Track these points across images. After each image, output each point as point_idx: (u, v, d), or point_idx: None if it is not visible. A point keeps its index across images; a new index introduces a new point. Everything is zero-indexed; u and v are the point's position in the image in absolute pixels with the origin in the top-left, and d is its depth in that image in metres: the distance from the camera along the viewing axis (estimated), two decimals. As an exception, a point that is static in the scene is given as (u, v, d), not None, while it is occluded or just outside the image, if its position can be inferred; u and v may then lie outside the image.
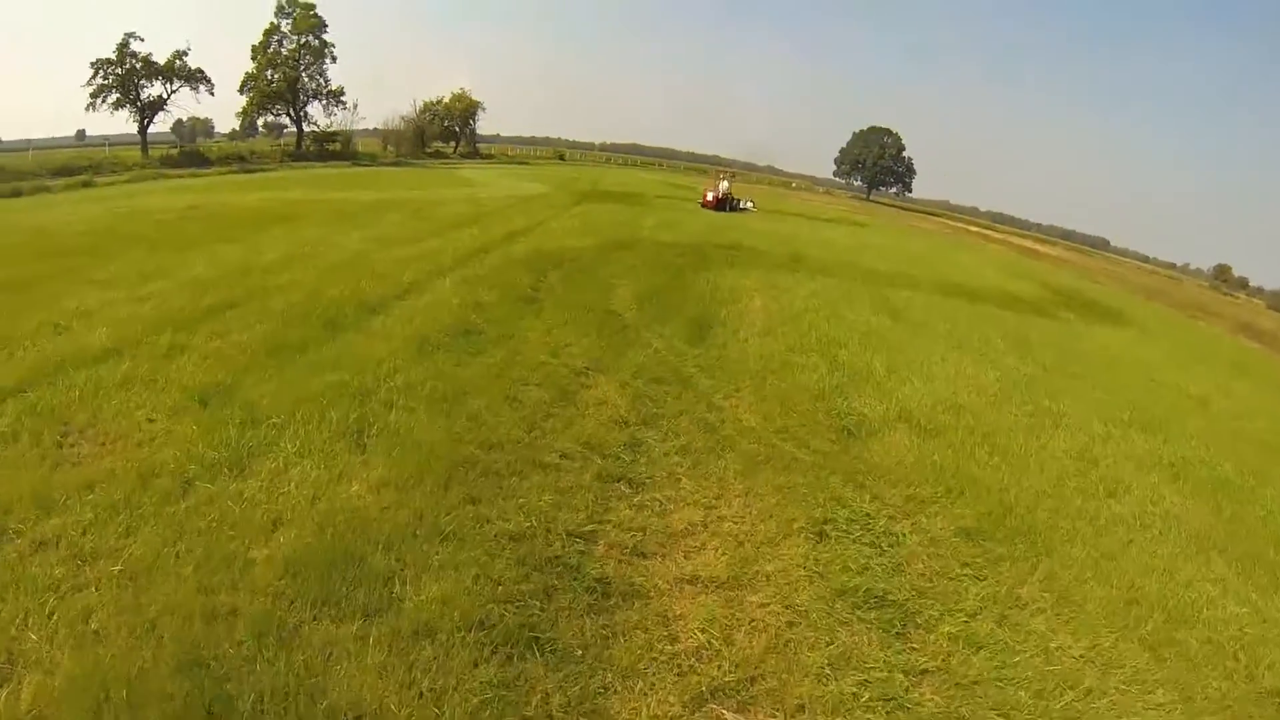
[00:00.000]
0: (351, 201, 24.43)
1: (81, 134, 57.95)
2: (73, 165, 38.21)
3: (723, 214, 33.75)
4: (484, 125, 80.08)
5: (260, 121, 62.58)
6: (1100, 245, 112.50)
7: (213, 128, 77.66)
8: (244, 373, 7.59)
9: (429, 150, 69.74)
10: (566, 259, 15.25)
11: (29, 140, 57.40)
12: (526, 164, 72.50)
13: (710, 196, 36.09)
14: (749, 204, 39.80)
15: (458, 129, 75.92)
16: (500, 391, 7.49)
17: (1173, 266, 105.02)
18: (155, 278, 11.57)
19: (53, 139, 54.29)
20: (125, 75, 44.87)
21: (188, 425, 6.25)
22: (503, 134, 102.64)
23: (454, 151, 73.65)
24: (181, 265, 12.60)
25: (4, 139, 63.23)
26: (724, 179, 40.31)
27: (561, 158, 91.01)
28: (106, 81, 44.51)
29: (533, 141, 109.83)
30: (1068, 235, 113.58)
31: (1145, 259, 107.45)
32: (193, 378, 7.31)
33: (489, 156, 75.95)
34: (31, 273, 11.55)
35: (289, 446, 6.01)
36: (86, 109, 44.33)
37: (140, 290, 10.73)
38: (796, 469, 6.76)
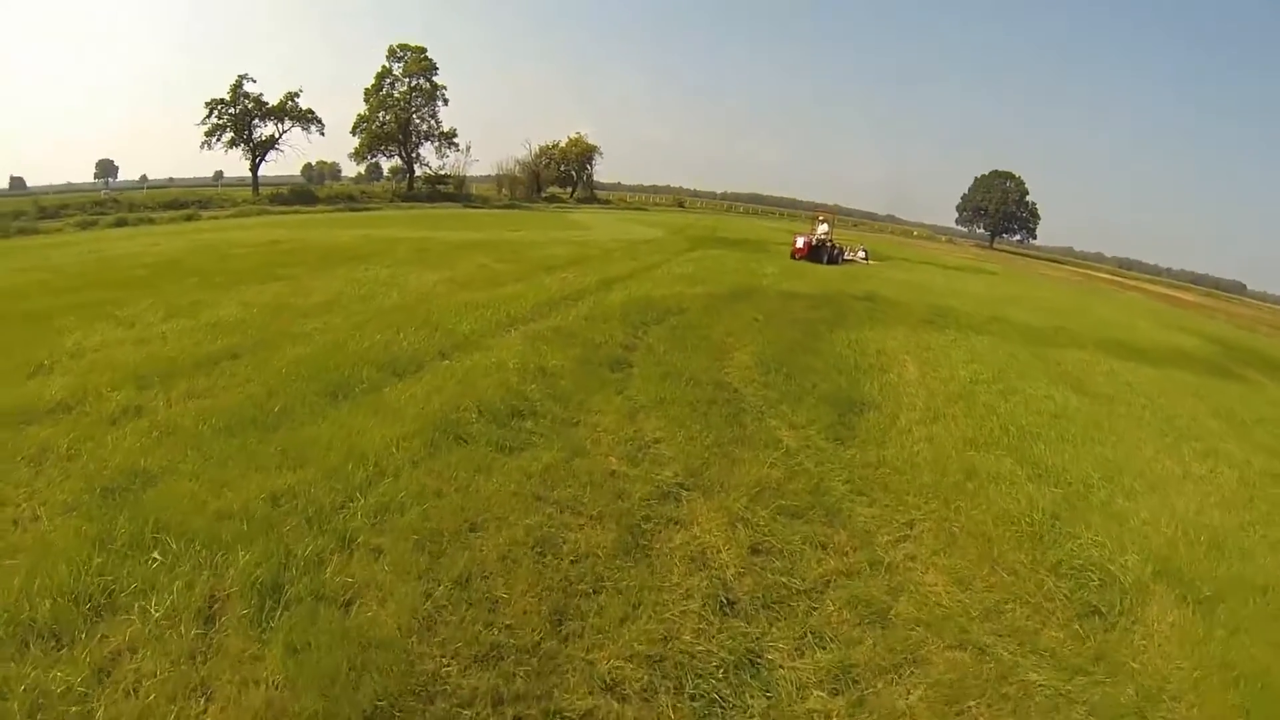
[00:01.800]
0: (441, 240, 22.95)
1: (219, 175, 60.98)
2: (181, 200, 39.65)
3: (827, 266, 26.93)
4: (604, 173, 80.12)
5: (387, 166, 64.27)
6: (1236, 290, 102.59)
7: (339, 171, 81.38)
8: (181, 457, 5.61)
9: (544, 195, 69.82)
10: (672, 311, 12.66)
11: (171, 179, 61.58)
12: (644, 210, 71.30)
13: (801, 243, 28.71)
14: (860, 254, 33.42)
15: (574, 173, 75.93)
16: (528, 529, 4.80)
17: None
18: (179, 316, 10.47)
19: (194, 178, 57.68)
20: (238, 115, 46.48)
21: (60, 538, 4.44)
22: (624, 182, 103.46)
23: (570, 196, 73.52)
24: (216, 303, 11.32)
25: (150, 177, 68.62)
26: (823, 221, 33.48)
27: (681, 205, 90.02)
28: (220, 121, 46.23)
29: (653, 189, 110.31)
30: (1199, 280, 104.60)
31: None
32: (118, 458, 5.57)
33: (606, 202, 75.42)
34: (62, 303, 11.15)
35: (156, 607, 3.86)
36: (201, 147, 46.26)
37: (152, 330, 9.69)
38: (1034, 714, 3.77)
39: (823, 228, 31.81)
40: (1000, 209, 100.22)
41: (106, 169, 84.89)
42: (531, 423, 6.63)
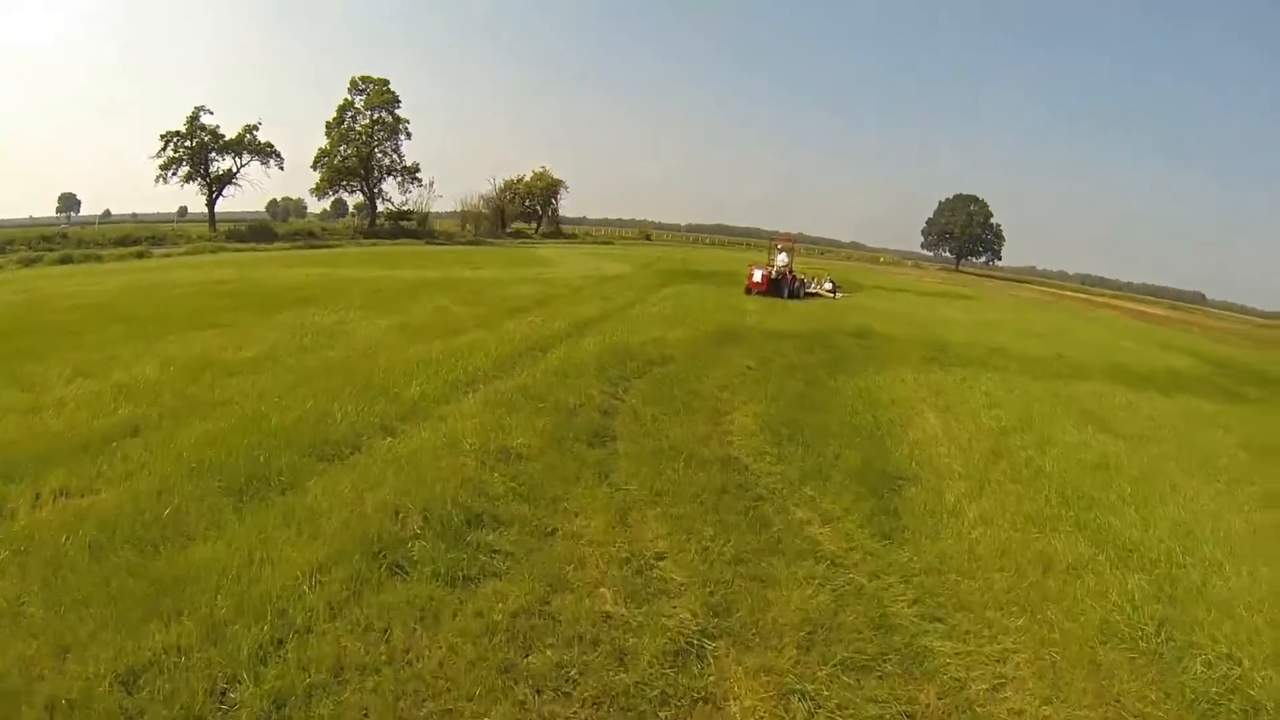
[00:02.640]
0: (398, 280, 21.30)
1: (183, 210, 58.50)
2: (134, 236, 37.74)
3: (801, 302, 24.72)
4: (569, 207, 78.65)
5: (351, 202, 62.31)
6: (1197, 300, 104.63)
7: (305, 208, 79.15)
8: (29, 595, 4.08)
9: (509, 230, 68.26)
10: (654, 360, 11.16)
11: (135, 215, 59.10)
12: (611, 244, 69.96)
13: (760, 276, 25.19)
14: (826, 286, 29.29)
15: (539, 208, 74.54)
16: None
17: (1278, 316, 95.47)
18: (87, 375, 8.85)
19: (158, 214, 55.36)
20: (195, 148, 44.45)
21: None
22: (589, 215, 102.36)
23: (535, 231, 72.05)
24: (134, 359, 9.74)
25: (115, 212, 66.07)
26: (781, 250, 29.49)
27: (648, 238, 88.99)
28: (176, 154, 44.12)
29: (619, 223, 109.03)
30: (1159, 293, 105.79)
31: (1242, 310, 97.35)
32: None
33: (572, 237, 74.07)
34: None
35: None
36: (156, 181, 43.95)
37: (50, 395, 8.09)
38: None
39: (781, 258, 28.43)
40: (966, 232, 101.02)
41: (68, 203, 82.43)
42: (494, 534, 4.98)
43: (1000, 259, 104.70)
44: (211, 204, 46.22)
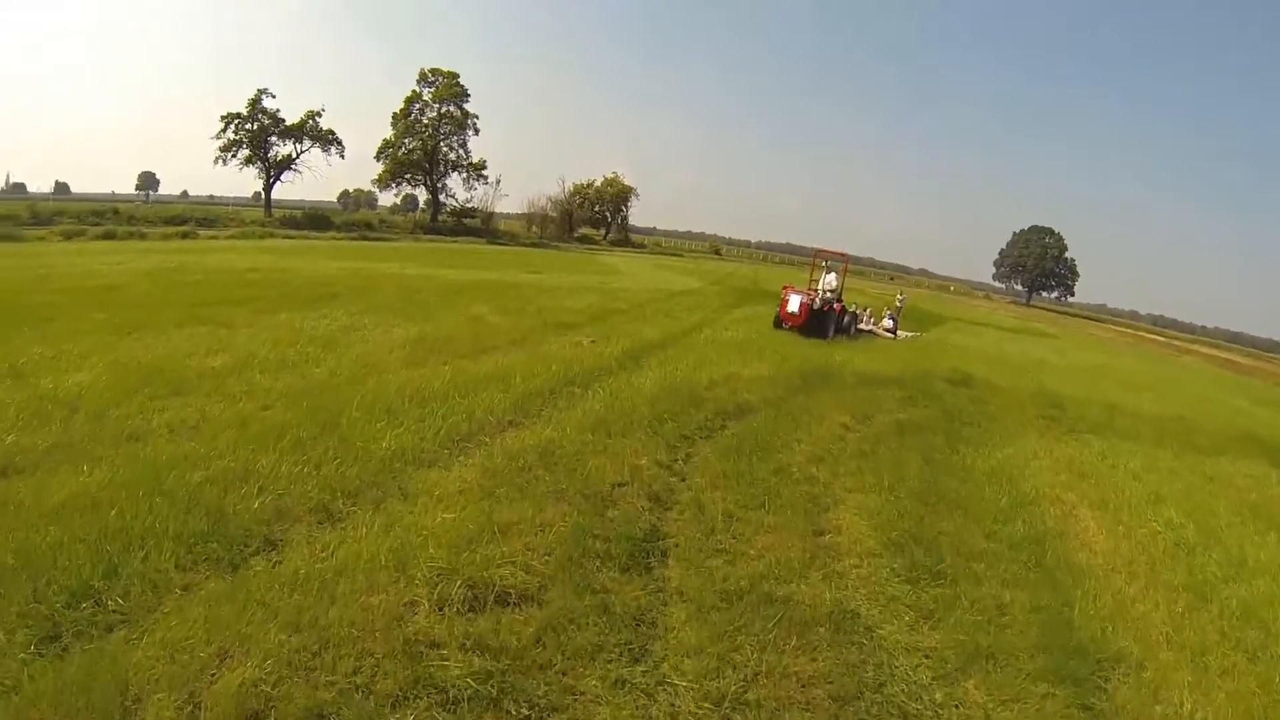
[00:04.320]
0: (441, 280, 19.39)
1: (258, 196, 58.67)
2: (183, 216, 37.33)
3: (850, 340, 19.57)
4: (640, 217, 76.42)
5: (422, 198, 61.27)
6: (1275, 348, 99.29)
7: (376, 200, 79.01)
8: None
9: (576, 235, 66.43)
10: (727, 411, 8.74)
11: (212, 196, 59.70)
12: (680, 256, 67.60)
13: (797, 304, 18.43)
14: (886, 324, 23.28)
15: (608, 214, 72.54)
16: None
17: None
18: (19, 376, 7.31)
19: (235, 197, 55.70)
20: (255, 131, 43.72)
21: None
22: (659, 226, 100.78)
23: (603, 238, 70.06)
24: (84, 359, 8.26)
25: (192, 193, 67.15)
26: (829, 271, 21.76)
27: (718, 252, 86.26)
28: (236, 136, 43.47)
29: (689, 235, 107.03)
30: (1235, 338, 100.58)
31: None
32: None
33: (640, 246, 71.79)
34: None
35: None
36: (215, 162, 43.35)
37: None
38: None
39: (830, 279, 21.08)
40: (1039, 265, 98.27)
41: (148, 181, 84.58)
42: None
43: (1073, 295, 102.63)
44: (268, 189, 45.46)
